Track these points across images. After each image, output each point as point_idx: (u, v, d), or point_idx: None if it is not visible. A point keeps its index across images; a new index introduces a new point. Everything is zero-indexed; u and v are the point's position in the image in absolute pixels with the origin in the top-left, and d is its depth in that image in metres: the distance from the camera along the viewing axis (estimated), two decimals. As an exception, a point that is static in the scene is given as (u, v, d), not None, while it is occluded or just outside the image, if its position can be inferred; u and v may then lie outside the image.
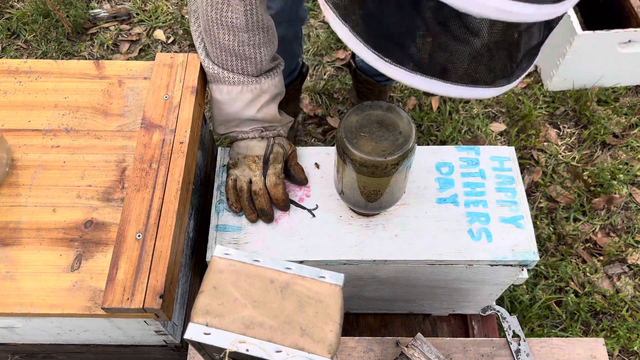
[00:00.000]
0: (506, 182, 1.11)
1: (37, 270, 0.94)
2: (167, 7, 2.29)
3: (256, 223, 1.08)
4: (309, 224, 1.08)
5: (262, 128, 1.11)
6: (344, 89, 2.07)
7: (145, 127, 1.06)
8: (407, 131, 0.89)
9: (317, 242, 1.05)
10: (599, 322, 1.66)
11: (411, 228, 1.07)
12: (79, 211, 1.00)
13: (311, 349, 0.68)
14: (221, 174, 1.14)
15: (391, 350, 0.97)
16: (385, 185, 0.94)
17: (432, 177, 1.12)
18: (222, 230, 1.08)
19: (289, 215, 1.09)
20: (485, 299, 1.26)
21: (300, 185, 1.12)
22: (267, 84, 1.09)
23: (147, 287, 0.89)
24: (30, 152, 1.07)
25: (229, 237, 1.07)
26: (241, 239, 1.07)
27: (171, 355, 1.17)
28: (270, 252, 1.04)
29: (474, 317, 1.39)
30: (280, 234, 1.07)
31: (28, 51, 2.19)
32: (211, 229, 1.08)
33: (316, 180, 1.13)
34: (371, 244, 1.05)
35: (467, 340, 1.00)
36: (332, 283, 0.73)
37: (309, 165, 1.15)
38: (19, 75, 1.16)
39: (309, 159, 1.16)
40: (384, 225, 1.08)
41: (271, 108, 1.11)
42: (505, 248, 1.04)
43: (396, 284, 1.16)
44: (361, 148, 0.88)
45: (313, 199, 1.11)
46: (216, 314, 0.71)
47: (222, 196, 1.12)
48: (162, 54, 1.15)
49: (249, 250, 1.05)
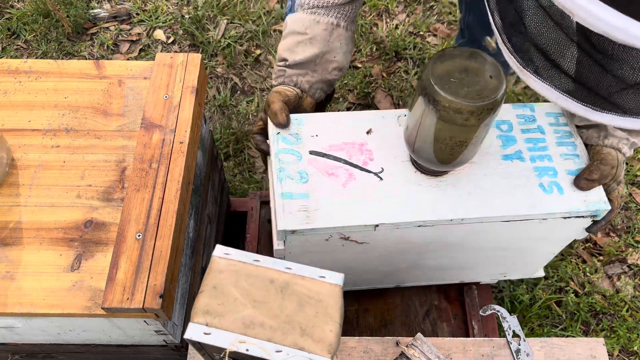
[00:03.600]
0: (565, 137, 1.11)
1: (37, 270, 0.94)
2: (167, 7, 2.29)
3: (327, 188, 1.03)
4: (377, 187, 1.03)
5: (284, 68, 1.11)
6: (344, 88, 2.07)
7: (145, 127, 1.06)
8: (497, 74, 0.86)
9: (388, 205, 1.01)
10: (599, 322, 1.66)
11: (482, 186, 1.04)
12: (79, 211, 1.00)
13: (311, 348, 0.68)
14: (277, 141, 1.08)
15: (391, 350, 0.97)
16: (473, 135, 0.91)
17: (493, 135, 1.10)
18: (289, 198, 1.01)
19: (355, 180, 1.04)
20: (542, 260, 1.26)
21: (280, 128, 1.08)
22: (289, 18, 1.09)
23: (147, 287, 0.89)
24: (30, 152, 1.07)
25: (297, 204, 1.01)
26: (310, 206, 1.01)
27: (171, 355, 1.17)
28: (342, 219, 0.99)
29: (474, 317, 1.39)
30: (350, 199, 1.02)
31: (28, 51, 2.19)
32: (276, 197, 1.01)
33: (377, 145, 1.08)
34: (445, 204, 1.02)
35: (467, 340, 1.00)
36: (332, 283, 0.73)
37: (362, 131, 1.10)
38: (19, 75, 1.16)
39: (362, 125, 1.11)
40: (454, 184, 1.04)
41: (284, 42, 1.10)
42: (577, 200, 1.04)
43: (460, 247, 1.14)
44: (455, 93, 0.84)
45: (377, 163, 1.06)
46: (216, 314, 0.71)
47: (282, 164, 1.05)
48: (162, 54, 1.15)
49: (321, 218, 0.99)
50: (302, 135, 1.09)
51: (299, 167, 1.05)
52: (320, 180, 1.04)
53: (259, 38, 2.19)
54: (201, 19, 2.22)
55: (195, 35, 2.19)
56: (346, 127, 1.10)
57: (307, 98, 1.13)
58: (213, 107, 2.04)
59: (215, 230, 1.39)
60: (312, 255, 1.08)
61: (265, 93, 2.07)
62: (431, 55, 2.13)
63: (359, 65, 2.13)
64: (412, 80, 2.09)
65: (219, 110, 2.04)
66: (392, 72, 2.12)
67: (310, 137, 1.09)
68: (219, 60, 2.16)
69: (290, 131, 1.08)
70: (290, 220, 0.99)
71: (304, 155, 1.06)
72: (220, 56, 2.16)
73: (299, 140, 1.08)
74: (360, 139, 1.09)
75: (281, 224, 0.98)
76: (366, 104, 2.05)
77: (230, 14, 2.25)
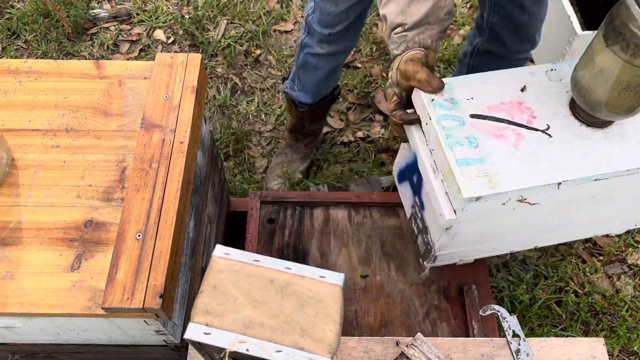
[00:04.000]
0: None
1: (37, 270, 0.94)
2: (167, 7, 2.29)
3: (499, 151, 1.01)
4: (549, 145, 1.01)
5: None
6: (344, 88, 2.07)
7: (145, 127, 1.06)
8: None
9: (565, 162, 0.99)
10: (599, 321, 1.66)
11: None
12: (79, 211, 1.00)
13: (311, 348, 0.68)
14: (433, 108, 1.03)
15: (391, 350, 0.97)
16: None
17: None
18: (465, 165, 0.97)
19: (525, 140, 1.02)
20: None
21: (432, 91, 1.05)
22: None
23: (147, 287, 0.89)
24: (30, 152, 1.07)
25: (475, 170, 0.97)
26: (489, 170, 0.97)
27: (171, 355, 1.17)
28: (524, 180, 0.97)
29: (474, 317, 1.39)
30: (525, 159, 0.99)
31: (28, 51, 2.19)
32: (452, 165, 0.97)
33: (535, 102, 1.06)
34: (618, 154, 0.99)
35: (467, 340, 1.00)
36: (332, 283, 0.74)
37: (515, 89, 1.08)
38: (19, 75, 1.16)
39: (513, 84, 1.08)
40: (622, 134, 1.01)
41: (391, 7, 1.06)
42: None
43: (620, 197, 1.11)
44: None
45: (540, 120, 1.04)
46: (216, 314, 0.71)
47: (447, 130, 1.01)
48: (162, 54, 1.15)
49: (504, 182, 0.96)
50: (457, 99, 1.04)
51: (464, 132, 1.01)
52: (490, 143, 1.01)
53: (259, 38, 2.19)
54: (201, 19, 2.22)
55: (196, 35, 2.19)
56: (498, 87, 1.07)
57: (430, 53, 1.07)
58: (213, 107, 2.04)
59: (215, 230, 1.39)
60: (480, 223, 1.06)
61: (265, 93, 2.07)
62: (431, 55, 2.13)
63: (359, 66, 2.13)
64: (412, 80, 2.09)
65: (219, 110, 2.04)
66: (392, 72, 2.12)
67: (465, 101, 1.05)
68: (219, 61, 2.16)
69: (443, 97, 1.04)
70: (474, 186, 0.95)
71: (465, 119, 1.03)
72: (220, 56, 2.16)
73: (456, 105, 1.04)
74: (516, 97, 1.06)
75: (466, 192, 0.95)
76: (366, 104, 2.05)
77: (230, 14, 2.25)
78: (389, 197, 1.51)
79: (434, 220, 1.09)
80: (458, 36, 2.20)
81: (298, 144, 1.86)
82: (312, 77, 1.62)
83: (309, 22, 1.48)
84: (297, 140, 1.85)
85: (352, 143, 1.97)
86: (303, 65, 1.60)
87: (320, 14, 1.43)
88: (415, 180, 1.18)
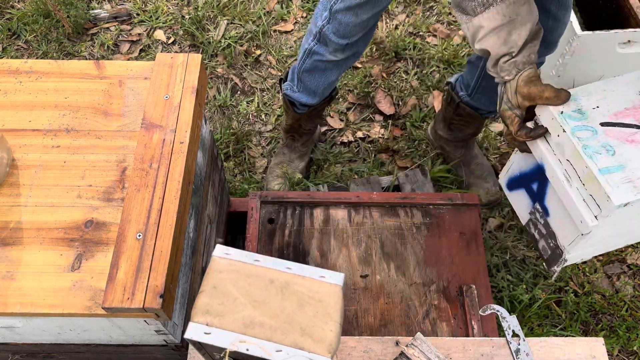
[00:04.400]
0: None
1: (38, 270, 0.94)
2: (167, 8, 2.29)
3: (635, 156, 1.04)
4: None
5: None
6: (344, 88, 2.07)
7: (146, 127, 1.06)
8: None
9: None
10: (599, 321, 1.66)
11: None
12: (79, 211, 1.00)
13: (311, 348, 0.69)
14: (565, 121, 1.08)
15: (391, 350, 0.97)
16: None
17: None
18: (607, 173, 1.02)
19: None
20: None
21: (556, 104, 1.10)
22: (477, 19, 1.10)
23: (148, 287, 0.89)
24: (31, 152, 1.07)
25: (618, 177, 1.02)
26: (631, 176, 1.02)
27: (171, 355, 1.17)
28: None
29: (474, 316, 1.39)
30: None
31: (29, 51, 2.19)
32: (596, 175, 1.02)
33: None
34: None
35: (466, 339, 1.00)
36: (332, 283, 0.74)
37: (634, 93, 1.12)
38: (20, 76, 1.16)
39: (631, 88, 1.12)
40: None
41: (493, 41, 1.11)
42: None
43: None
44: None
45: None
46: (216, 314, 0.71)
47: (583, 141, 1.05)
48: (163, 54, 1.16)
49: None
50: (584, 109, 1.09)
51: (599, 141, 1.06)
52: (626, 149, 1.05)
53: (259, 38, 2.19)
54: (201, 19, 2.22)
55: (196, 35, 2.19)
56: (619, 93, 1.12)
57: (535, 65, 1.13)
58: (213, 107, 2.05)
59: (215, 230, 1.39)
60: (618, 224, 1.09)
61: (265, 93, 2.08)
62: (431, 55, 2.13)
63: (359, 66, 2.14)
64: (411, 80, 2.09)
65: (219, 110, 2.05)
66: (392, 73, 2.12)
67: (592, 110, 1.09)
68: (219, 61, 2.16)
69: (570, 108, 1.08)
70: (622, 193, 1.00)
71: (597, 128, 1.07)
72: (220, 56, 2.17)
73: (585, 115, 1.09)
74: (638, 101, 1.11)
75: (616, 199, 0.99)
76: (366, 104, 2.05)
77: (231, 15, 2.25)
78: (389, 197, 1.51)
79: (565, 225, 1.15)
80: (458, 36, 2.20)
81: (295, 143, 1.86)
82: (320, 81, 1.61)
83: (324, 33, 1.45)
84: (294, 140, 1.85)
85: (352, 143, 1.97)
86: (310, 70, 1.58)
87: (339, 25, 1.41)
88: (536, 188, 1.23)
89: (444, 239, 1.47)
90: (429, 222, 1.49)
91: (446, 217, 1.50)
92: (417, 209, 1.51)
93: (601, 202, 1.04)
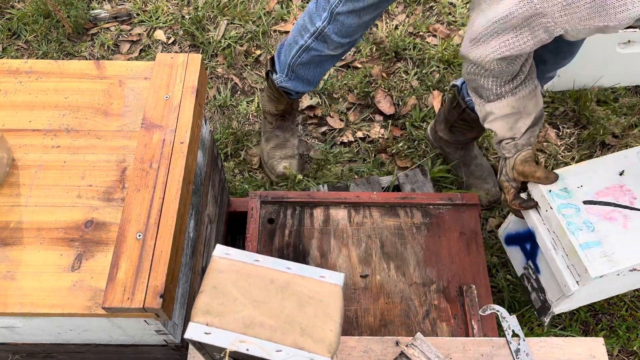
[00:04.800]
0: None
1: (38, 270, 0.94)
2: (167, 8, 2.29)
3: (612, 232, 1.19)
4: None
5: None
6: (344, 88, 2.07)
7: (146, 127, 1.06)
8: None
9: None
10: (599, 321, 1.66)
11: None
12: (79, 211, 1.00)
13: (311, 348, 0.69)
14: (552, 199, 1.22)
15: (391, 350, 0.97)
16: None
17: None
18: (587, 248, 1.17)
19: (631, 220, 1.21)
20: None
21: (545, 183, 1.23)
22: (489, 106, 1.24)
23: (148, 287, 0.90)
24: (31, 152, 1.07)
25: (596, 252, 1.17)
26: (607, 250, 1.17)
27: (171, 355, 1.17)
28: (635, 257, 1.15)
29: (474, 316, 1.39)
30: (634, 236, 1.18)
31: (29, 51, 2.19)
32: (577, 249, 1.17)
33: (633, 183, 1.24)
34: None
35: (466, 339, 1.00)
36: (332, 283, 0.74)
37: (615, 174, 1.26)
38: (20, 76, 1.16)
39: (612, 169, 1.26)
40: None
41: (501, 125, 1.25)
42: None
43: None
44: None
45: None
46: (216, 314, 0.71)
47: (567, 217, 1.20)
48: (163, 54, 1.16)
49: (621, 260, 1.16)
50: (570, 188, 1.24)
51: (581, 217, 1.21)
52: (604, 226, 1.19)
53: (259, 38, 2.19)
54: (201, 19, 2.22)
55: (196, 35, 2.19)
56: (601, 173, 1.26)
57: (533, 146, 1.28)
58: (213, 107, 2.05)
59: (215, 230, 1.39)
60: (596, 287, 1.24)
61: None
62: (431, 55, 2.14)
63: (359, 66, 2.14)
64: (411, 80, 2.09)
65: (219, 110, 2.05)
66: (392, 73, 2.12)
67: (577, 189, 1.24)
68: (219, 61, 2.16)
69: (557, 187, 1.23)
70: (598, 267, 1.14)
71: (580, 206, 1.22)
72: (220, 56, 2.17)
73: (570, 194, 1.24)
74: (617, 181, 1.25)
75: (593, 272, 1.14)
76: (366, 104, 2.05)
77: (231, 15, 2.25)
78: (389, 197, 1.51)
79: (553, 284, 1.29)
80: (458, 36, 2.20)
81: (286, 122, 1.88)
82: (317, 71, 1.63)
83: (325, 33, 1.47)
84: (285, 120, 1.87)
85: (352, 143, 1.97)
86: (306, 63, 1.59)
87: (341, 26, 1.43)
88: (529, 248, 1.37)
89: (444, 239, 1.47)
90: (429, 222, 1.50)
91: (446, 217, 1.50)
92: (417, 209, 1.51)
93: (581, 272, 1.18)
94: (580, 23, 0.95)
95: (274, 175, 1.85)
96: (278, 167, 1.84)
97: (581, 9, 0.93)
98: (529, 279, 1.40)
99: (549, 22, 0.98)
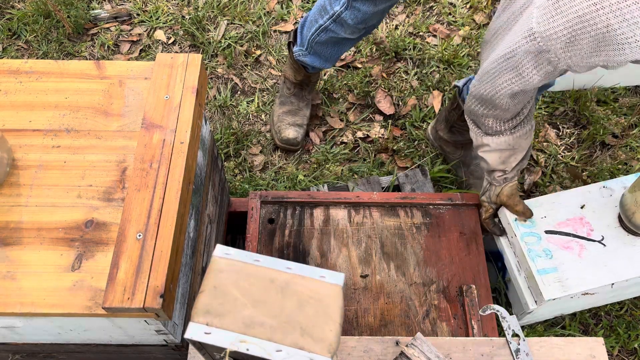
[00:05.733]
0: None
1: (38, 270, 0.94)
2: (167, 8, 2.29)
3: (567, 260, 1.33)
4: (604, 252, 1.34)
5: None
6: (344, 88, 2.07)
7: (146, 127, 1.06)
8: None
9: (616, 265, 1.32)
10: (598, 321, 1.66)
11: None
12: (79, 211, 1.00)
13: (311, 348, 0.69)
14: (517, 227, 1.37)
15: (391, 350, 0.97)
16: None
17: None
18: (544, 274, 1.31)
19: (586, 249, 1.35)
20: None
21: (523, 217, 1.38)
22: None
23: (148, 287, 0.90)
24: (31, 152, 1.07)
25: (552, 277, 1.32)
26: (561, 277, 1.31)
27: (172, 355, 1.17)
28: (587, 283, 1.30)
29: (474, 316, 1.39)
30: (587, 266, 1.32)
31: (29, 51, 2.19)
32: (534, 274, 1.32)
33: (592, 216, 1.39)
34: None
35: (466, 339, 1.00)
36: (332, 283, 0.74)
37: (576, 207, 1.40)
38: (20, 76, 1.16)
39: (575, 202, 1.40)
40: None
41: (494, 157, 1.33)
42: None
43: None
44: None
45: (597, 232, 1.37)
46: (216, 314, 0.71)
47: (529, 245, 1.35)
48: (163, 54, 1.16)
49: (573, 285, 1.30)
50: (534, 218, 1.38)
51: (541, 245, 1.35)
52: (561, 254, 1.34)
53: (259, 39, 2.19)
54: (201, 19, 2.22)
55: (196, 35, 2.19)
56: (564, 205, 1.41)
57: (517, 178, 1.38)
58: (213, 107, 2.05)
59: (216, 230, 1.39)
60: (553, 307, 1.41)
61: (265, 93, 2.08)
62: (431, 55, 2.14)
63: (359, 66, 2.14)
64: (411, 80, 2.09)
65: (219, 110, 2.05)
66: (392, 73, 2.12)
67: (541, 219, 1.38)
68: (219, 61, 2.16)
69: None
70: (551, 290, 1.30)
71: (541, 235, 1.36)
72: (220, 57, 2.17)
73: (533, 223, 1.38)
74: (578, 213, 1.39)
75: (547, 295, 1.29)
76: (366, 104, 2.05)
77: (231, 15, 2.25)
78: (389, 197, 1.51)
79: (516, 301, 1.44)
80: (458, 36, 2.20)
81: (303, 92, 1.91)
82: (334, 50, 1.67)
83: (342, 18, 1.51)
84: (302, 89, 1.90)
85: (352, 143, 1.97)
86: (324, 43, 1.63)
87: (358, 13, 1.47)
88: (500, 265, 1.52)
89: (444, 239, 1.47)
90: (429, 222, 1.50)
91: (446, 217, 1.50)
92: (417, 209, 1.51)
93: (537, 295, 1.33)
94: (583, 60, 0.98)
95: (277, 138, 1.90)
96: (285, 131, 1.88)
97: (583, 47, 0.95)
98: (500, 293, 1.56)
99: (552, 57, 1.02)
